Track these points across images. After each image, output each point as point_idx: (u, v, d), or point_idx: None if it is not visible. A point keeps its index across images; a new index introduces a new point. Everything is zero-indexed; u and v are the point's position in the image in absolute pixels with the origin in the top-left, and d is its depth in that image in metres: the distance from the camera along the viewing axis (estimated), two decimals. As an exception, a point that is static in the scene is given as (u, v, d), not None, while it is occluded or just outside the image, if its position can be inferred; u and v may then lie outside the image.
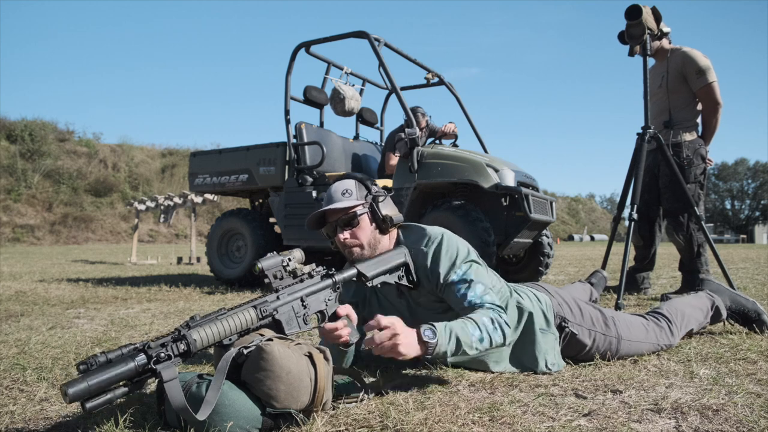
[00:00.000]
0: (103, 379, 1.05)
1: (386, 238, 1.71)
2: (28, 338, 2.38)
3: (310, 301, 1.41)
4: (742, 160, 67.05)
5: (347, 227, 1.65)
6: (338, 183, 1.71)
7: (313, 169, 4.63)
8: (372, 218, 1.68)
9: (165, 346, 1.13)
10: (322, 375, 1.24)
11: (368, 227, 1.66)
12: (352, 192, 1.67)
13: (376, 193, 1.69)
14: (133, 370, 1.09)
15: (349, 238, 1.65)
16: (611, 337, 1.83)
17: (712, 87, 3.55)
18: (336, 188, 1.69)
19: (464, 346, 1.41)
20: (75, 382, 1.02)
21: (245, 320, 1.26)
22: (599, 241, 46.19)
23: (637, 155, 3.38)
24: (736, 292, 2.33)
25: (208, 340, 1.19)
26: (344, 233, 1.65)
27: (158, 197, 11.01)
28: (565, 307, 1.82)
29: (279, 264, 1.39)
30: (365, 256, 1.66)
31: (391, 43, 4.63)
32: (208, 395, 1.13)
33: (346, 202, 1.64)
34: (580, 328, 1.80)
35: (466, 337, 1.41)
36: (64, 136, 36.38)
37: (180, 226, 32.33)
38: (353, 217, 1.65)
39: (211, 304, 3.66)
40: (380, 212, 1.67)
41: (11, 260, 10.83)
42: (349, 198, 1.65)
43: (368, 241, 1.66)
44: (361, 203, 1.66)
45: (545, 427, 1.21)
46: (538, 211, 4.16)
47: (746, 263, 7.93)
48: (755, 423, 1.22)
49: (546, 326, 1.75)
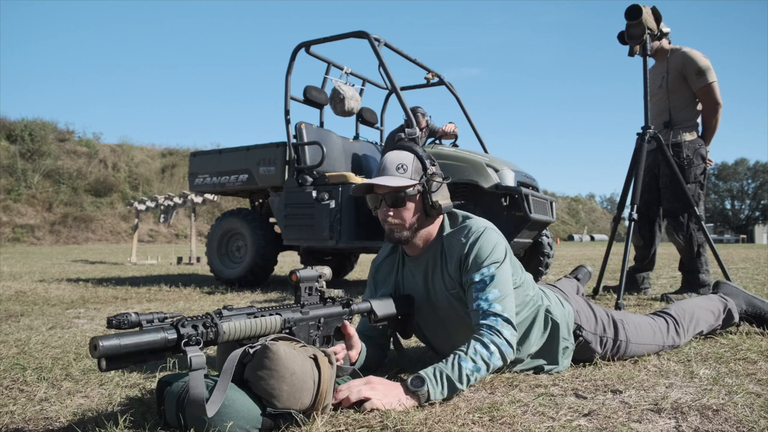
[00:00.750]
0: (134, 342, 1.04)
1: (430, 223, 1.64)
2: (28, 338, 2.38)
3: (325, 324, 1.45)
4: (742, 160, 67.09)
5: (393, 205, 1.58)
6: (395, 153, 1.60)
7: (313, 169, 4.63)
8: (421, 201, 1.60)
9: (196, 328, 1.14)
10: (326, 378, 1.24)
11: (414, 209, 1.59)
12: (407, 168, 1.57)
13: (432, 175, 1.58)
14: (162, 343, 1.08)
15: (393, 217, 1.58)
16: (620, 341, 1.82)
17: (712, 87, 3.55)
18: (392, 159, 1.59)
19: (457, 383, 1.36)
20: (108, 338, 1.02)
21: (270, 325, 1.27)
22: (599, 241, 46.19)
23: (637, 155, 3.38)
24: (752, 295, 2.30)
25: (233, 335, 1.20)
26: (389, 210, 1.58)
27: (158, 197, 11.01)
28: (582, 315, 1.80)
29: (314, 279, 1.43)
30: (404, 236, 1.61)
31: (391, 43, 4.63)
32: (214, 395, 1.13)
33: (397, 180, 1.55)
34: (593, 336, 1.79)
35: (457, 373, 1.36)
36: (64, 136, 36.40)
37: (180, 226, 32.33)
38: (402, 197, 1.56)
39: (211, 304, 3.65)
40: (431, 198, 1.58)
41: (11, 260, 10.83)
42: (403, 174, 1.56)
43: (411, 223, 1.60)
44: (413, 183, 1.56)
45: (545, 427, 1.21)
46: (538, 211, 4.16)
47: (746, 263, 7.93)
48: (755, 423, 1.22)
49: (567, 336, 1.73)
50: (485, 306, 1.49)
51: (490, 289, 1.51)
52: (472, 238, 1.57)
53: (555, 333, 1.70)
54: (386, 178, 1.56)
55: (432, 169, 1.60)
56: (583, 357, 1.80)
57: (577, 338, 1.76)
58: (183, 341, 1.10)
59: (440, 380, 1.34)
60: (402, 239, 1.62)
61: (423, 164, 1.59)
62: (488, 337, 1.44)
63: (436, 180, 1.59)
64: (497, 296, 1.50)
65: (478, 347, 1.41)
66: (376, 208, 1.63)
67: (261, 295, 4.26)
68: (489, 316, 1.48)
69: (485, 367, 1.40)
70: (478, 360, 1.39)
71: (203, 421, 1.14)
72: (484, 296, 1.51)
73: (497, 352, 1.42)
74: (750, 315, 2.26)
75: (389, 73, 4.40)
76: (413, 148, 1.60)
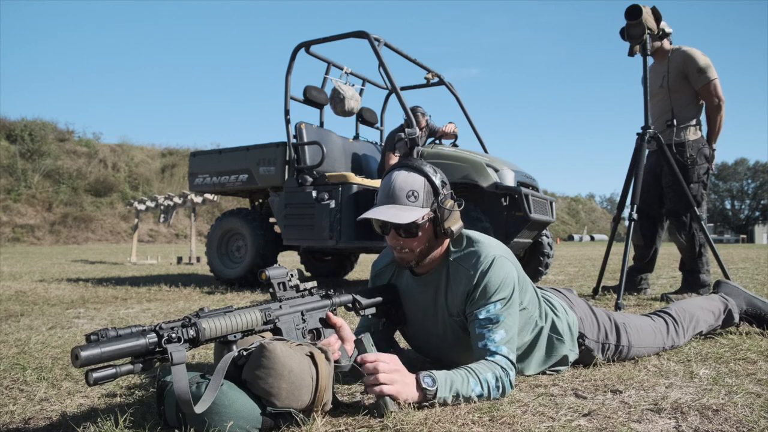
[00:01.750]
0: (115, 349, 1.05)
1: (438, 245, 1.58)
2: (28, 338, 2.38)
3: (309, 317, 1.45)
4: (742, 160, 67.11)
5: (404, 235, 1.52)
6: (405, 177, 1.50)
7: (313, 169, 4.63)
8: (432, 227, 1.53)
9: (174, 329, 1.15)
10: (324, 374, 1.24)
11: (426, 236, 1.53)
12: (419, 195, 1.48)
13: (444, 200, 1.51)
14: (144, 347, 1.09)
15: (403, 245, 1.54)
16: (622, 346, 1.82)
17: (713, 84, 3.56)
18: (402, 186, 1.48)
19: (462, 399, 1.35)
20: (88, 347, 1.02)
21: (251, 320, 1.28)
22: (599, 241, 46.19)
23: (637, 155, 3.38)
24: (753, 295, 2.30)
25: (215, 332, 1.21)
26: (399, 239, 1.53)
27: (158, 197, 11.00)
28: (586, 323, 1.79)
29: (284, 276, 1.43)
30: (414, 263, 1.57)
31: (391, 43, 4.63)
32: (206, 395, 1.13)
33: (408, 213, 1.45)
34: (596, 344, 1.78)
35: (466, 391, 1.35)
36: (64, 136, 36.38)
37: (180, 226, 32.33)
38: (414, 227, 1.50)
39: (210, 304, 3.65)
40: (443, 226, 1.51)
41: (11, 260, 10.83)
42: (414, 203, 1.47)
43: (421, 249, 1.54)
44: (425, 212, 1.48)
45: (545, 427, 1.21)
46: (538, 211, 4.16)
47: (746, 263, 7.93)
48: (755, 423, 1.22)
49: (572, 346, 1.73)
50: (493, 348, 1.45)
51: (497, 330, 1.46)
52: (480, 269, 1.50)
53: (557, 352, 1.69)
54: (396, 211, 1.46)
55: (443, 192, 1.51)
56: (583, 360, 1.80)
57: (580, 346, 1.76)
58: (164, 340, 1.11)
59: (449, 389, 1.34)
60: (412, 266, 1.60)
61: (434, 188, 1.50)
62: (499, 374, 1.41)
63: (447, 206, 1.50)
64: (503, 338, 1.46)
65: (490, 378, 1.39)
66: (384, 233, 1.58)
67: (261, 296, 4.26)
68: (496, 355, 1.45)
69: (487, 397, 1.38)
70: (485, 389, 1.38)
71: (203, 421, 1.14)
72: (490, 337, 1.46)
73: (501, 390, 1.40)
74: (750, 315, 2.26)
75: (389, 73, 4.40)
76: (424, 171, 1.50)
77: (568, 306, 1.80)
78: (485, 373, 1.39)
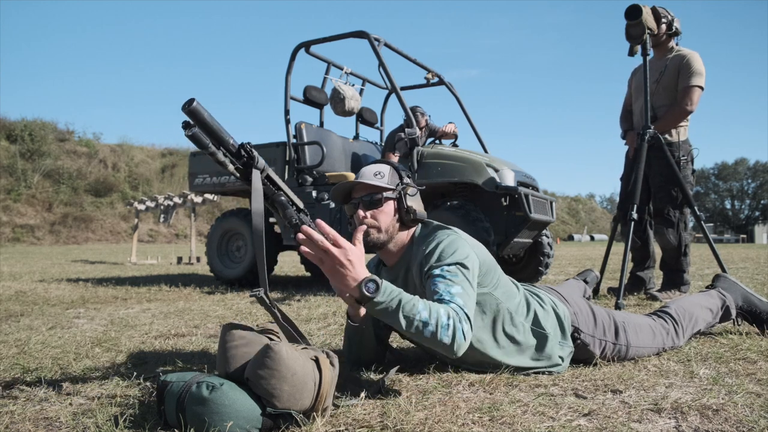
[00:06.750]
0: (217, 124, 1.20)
1: (404, 232, 1.70)
2: (28, 338, 2.38)
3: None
4: (742, 160, 67.11)
5: (370, 207, 1.64)
6: (374, 164, 1.71)
7: (313, 169, 4.63)
8: (396, 207, 1.66)
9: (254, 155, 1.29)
10: (327, 380, 1.24)
11: (390, 214, 1.65)
12: (384, 175, 1.66)
13: (408, 184, 1.68)
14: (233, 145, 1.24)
15: (369, 218, 1.64)
16: (620, 345, 1.82)
17: (696, 90, 3.50)
18: (369, 168, 1.69)
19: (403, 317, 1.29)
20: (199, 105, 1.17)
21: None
22: (599, 241, 46.19)
23: (637, 155, 3.38)
24: (750, 292, 2.29)
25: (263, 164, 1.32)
26: (366, 212, 1.64)
27: (158, 197, 11.01)
28: (581, 317, 1.80)
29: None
30: (380, 240, 1.65)
31: (391, 43, 4.63)
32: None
33: (376, 181, 1.64)
34: (592, 339, 1.78)
35: (410, 310, 1.30)
36: (64, 136, 36.42)
37: (180, 226, 32.34)
38: (379, 198, 1.64)
39: (211, 304, 3.66)
40: (406, 203, 1.65)
41: (11, 260, 10.83)
42: (381, 180, 1.65)
43: (386, 227, 1.65)
44: (391, 188, 1.65)
45: (545, 427, 1.21)
46: (538, 211, 4.16)
47: (746, 263, 7.93)
48: (755, 423, 1.22)
49: (563, 339, 1.73)
50: (447, 297, 1.41)
51: (453, 286, 1.45)
52: (435, 240, 1.60)
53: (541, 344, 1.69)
54: (365, 179, 1.64)
55: (407, 179, 1.69)
56: (582, 357, 1.80)
57: (575, 341, 1.76)
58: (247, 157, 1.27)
59: (390, 301, 1.29)
60: (378, 243, 1.66)
61: (399, 174, 1.68)
62: (453, 315, 1.35)
63: (410, 189, 1.67)
64: (459, 292, 1.43)
65: (442, 314, 1.33)
66: (352, 215, 1.69)
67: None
68: (451, 303, 1.40)
69: (432, 331, 1.31)
70: (433, 320, 1.31)
71: (203, 421, 1.14)
72: (446, 290, 1.43)
73: (452, 333, 1.32)
74: (744, 311, 2.25)
75: (389, 73, 4.40)
76: (390, 162, 1.72)
77: (559, 300, 1.82)
78: (438, 309, 1.34)
